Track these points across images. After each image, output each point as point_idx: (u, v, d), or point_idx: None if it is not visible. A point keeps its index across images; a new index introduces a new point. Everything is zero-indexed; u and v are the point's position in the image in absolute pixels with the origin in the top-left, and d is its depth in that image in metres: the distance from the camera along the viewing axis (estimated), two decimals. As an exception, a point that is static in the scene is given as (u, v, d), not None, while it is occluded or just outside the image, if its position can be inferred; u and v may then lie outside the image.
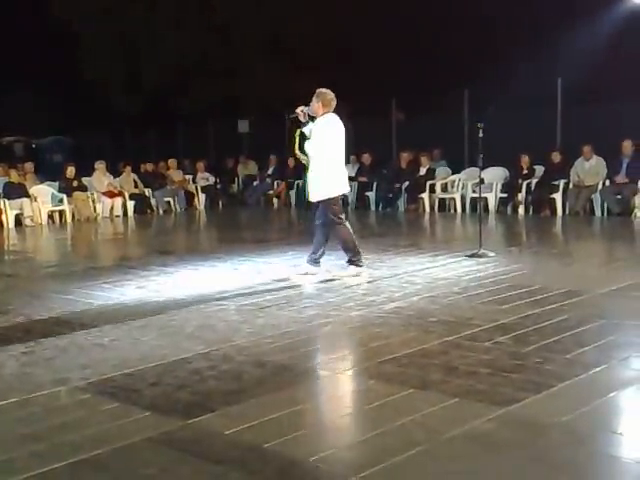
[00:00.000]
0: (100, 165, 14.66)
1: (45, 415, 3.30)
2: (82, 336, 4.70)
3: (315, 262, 6.59)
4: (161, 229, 13.25)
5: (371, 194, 14.19)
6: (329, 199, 6.40)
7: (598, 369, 3.60)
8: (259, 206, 16.07)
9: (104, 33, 21.20)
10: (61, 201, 13.66)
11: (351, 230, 6.54)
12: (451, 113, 14.46)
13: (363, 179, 14.49)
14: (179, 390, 3.55)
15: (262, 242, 9.57)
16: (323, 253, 6.63)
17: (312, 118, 6.50)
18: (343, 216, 6.54)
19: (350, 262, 6.51)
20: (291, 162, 16.25)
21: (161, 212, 15.07)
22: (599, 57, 13.79)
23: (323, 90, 6.49)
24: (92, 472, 2.73)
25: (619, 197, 11.22)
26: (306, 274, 6.52)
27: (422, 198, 13.51)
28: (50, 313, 5.42)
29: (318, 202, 6.48)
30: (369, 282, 6.22)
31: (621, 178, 11.27)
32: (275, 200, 16.05)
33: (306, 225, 13.03)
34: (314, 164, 6.42)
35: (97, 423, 3.16)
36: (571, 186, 11.84)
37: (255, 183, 16.71)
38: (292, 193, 15.79)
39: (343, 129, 6.51)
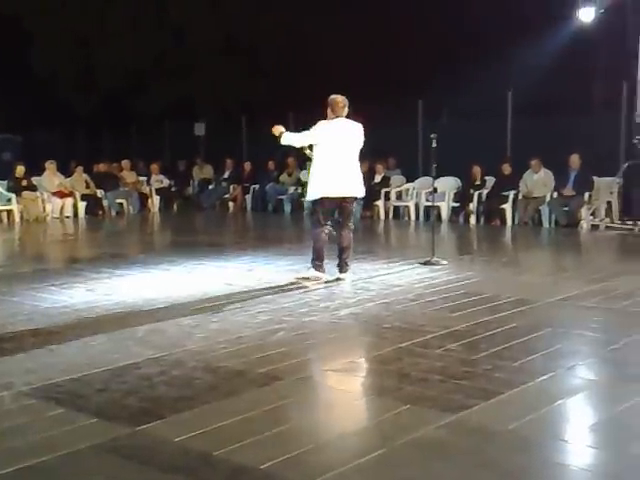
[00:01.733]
0: (50, 165, 14.36)
1: (-12, 421, 3.21)
2: (28, 339, 4.59)
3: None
4: (113, 231, 13.04)
5: (326, 201, 14.21)
6: (314, 200, 6.61)
7: (545, 377, 3.67)
8: (214, 210, 15.97)
9: (57, 31, 20.81)
10: (9, 201, 13.35)
11: (325, 237, 6.63)
12: (406, 123, 14.62)
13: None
14: (128, 396, 3.49)
15: (216, 246, 9.51)
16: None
17: None
18: (324, 221, 6.60)
19: (311, 264, 6.63)
20: (247, 166, 16.23)
21: (113, 214, 14.84)
22: (548, 72, 14.13)
23: (333, 96, 6.74)
24: (37, 479, 2.66)
25: (566, 209, 11.49)
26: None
27: (377, 205, 13.61)
28: (-5, 315, 5.28)
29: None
30: (324, 288, 6.23)
31: (568, 190, 11.54)
32: (231, 204, 15.97)
33: (262, 229, 13.02)
34: (312, 166, 6.65)
35: (42, 429, 3.09)
36: (520, 197, 12.09)
37: (211, 187, 16.61)
38: (248, 197, 15.74)
39: (348, 133, 6.59)
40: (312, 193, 6.61)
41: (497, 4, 14.93)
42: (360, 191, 6.73)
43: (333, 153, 6.50)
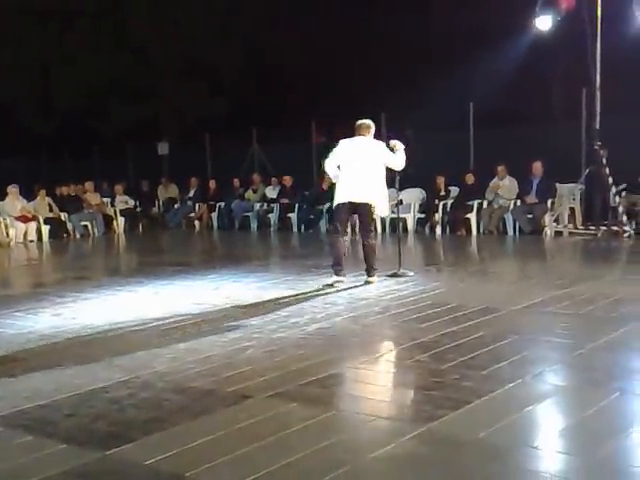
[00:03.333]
0: (13, 189, 14.19)
1: (-46, 451, 3.15)
2: (-7, 367, 4.52)
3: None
4: (78, 254, 12.90)
5: (293, 215, 14.26)
6: (333, 209, 7.46)
7: (513, 384, 3.71)
8: (180, 229, 15.88)
9: (17, 54, 20.61)
10: (-29, 226, 13.15)
11: (343, 244, 7.24)
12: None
13: (285, 201, 14.56)
14: (96, 420, 3.45)
15: (184, 265, 9.45)
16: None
17: None
18: (341, 229, 7.26)
19: (334, 271, 7.16)
20: (212, 184, 16.20)
21: (78, 236, 14.68)
22: (508, 82, 14.37)
23: (361, 121, 7.50)
24: (5, 509, 2.63)
25: (530, 216, 11.67)
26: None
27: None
28: (-41, 344, 5.19)
29: None
30: (292, 303, 6.24)
31: (531, 198, 11.73)
32: (197, 223, 15.91)
33: (229, 247, 12.97)
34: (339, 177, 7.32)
35: (10, 458, 3.04)
36: (485, 206, 12.24)
37: (176, 206, 16.53)
38: (214, 215, 15.70)
39: (363, 149, 7.29)
40: (335, 200, 7.29)
41: (456, 16, 15.19)
42: (372, 199, 7.27)
43: (348, 166, 7.19)
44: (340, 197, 7.22)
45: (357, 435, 3.12)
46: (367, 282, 7.16)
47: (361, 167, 7.15)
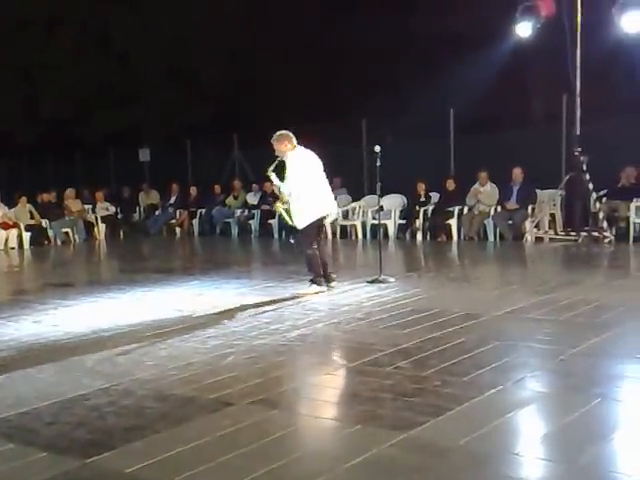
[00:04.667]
0: (-7, 196, 14.11)
1: None
2: (-27, 375, 4.48)
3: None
4: (59, 261, 12.81)
5: (274, 222, 14.26)
6: (303, 228, 7.12)
7: (495, 390, 3.73)
8: (161, 235, 15.82)
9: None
10: (-49, 233, 13.02)
11: (318, 255, 7.19)
12: (350, 142, 14.77)
13: (266, 207, 14.54)
14: (77, 428, 3.43)
15: (165, 272, 9.42)
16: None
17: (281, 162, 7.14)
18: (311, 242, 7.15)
19: (312, 281, 7.12)
20: (193, 191, 16.16)
21: (59, 243, 14.58)
22: (488, 88, 14.46)
23: (285, 131, 7.18)
24: (-16, 520, 2.61)
25: (510, 222, 11.74)
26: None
27: (323, 225, 13.67)
28: (-63, 352, 5.13)
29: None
30: (273, 310, 6.24)
31: (512, 204, 11.81)
32: (177, 229, 15.85)
33: (210, 253, 12.94)
34: (296, 196, 7.00)
35: (-9, 466, 3.02)
36: (465, 212, 12.31)
37: (157, 212, 16.47)
38: (195, 222, 15.66)
39: (313, 159, 7.16)
40: (303, 221, 7.04)
41: (437, 22, 15.25)
42: (334, 206, 7.43)
43: (309, 180, 7.01)
44: (313, 214, 7.07)
45: (336, 443, 3.13)
46: (330, 287, 7.19)
47: (318, 180, 7.16)
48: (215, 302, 6.73)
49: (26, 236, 14.04)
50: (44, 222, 14.60)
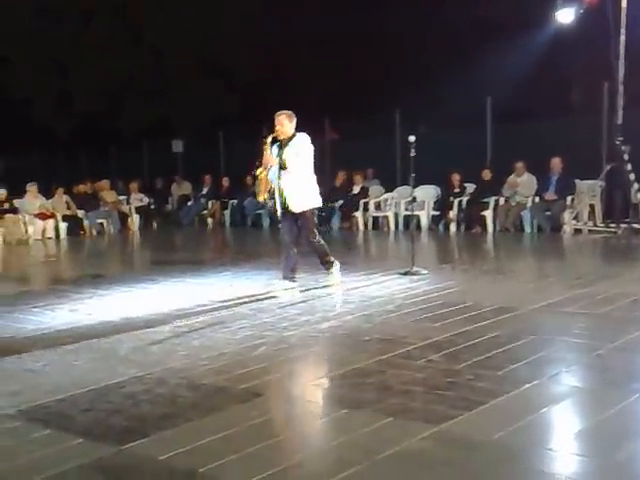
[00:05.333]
0: (32, 187, 14.40)
1: (-27, 445, 3.18)
2: (12, 361, 4.56)
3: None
4: (94, 251, 12.98)
5: (306, 213, 14.23)
6: (311, 210, 6.77)
7: (529, 385, 3.67)
8: (193, 226, 15.93)
9: (35, 54, 20.77)
10: (-9, 223, 13.29)
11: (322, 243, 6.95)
12: (383, 132, 14.70)
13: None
14: (112, 415, 3.48)
15: (196, 263, 9.48)
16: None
17: (274, 139, 6.72)
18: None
19: (329, 268, 6.95)
20: (225, 182, 16.24)
21: (94, 234, 14.79)
22: (527, 76, 14.24)
23: (289, 112, 6.77)
24: (22, 503, 2.65)
25: (548, 213, 11.57)
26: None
27: (355, 216, 13.65)
28: (-23, 339, 5.24)
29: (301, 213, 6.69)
30: (304, 301, 6.23)
31: (550, 195, 11.62)
32: (209, 220, 15.95)
33: (241, 244, 13.00)
34: (298, 177, 6.62)
35: (28, 451, 3.06)
36: (502, 203, 12.16)
37: (189, 203, 16.59)
38: (226, 213, 15.74)
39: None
40: (307, 204, 6.73)
41: (472, 10, 15.06)
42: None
43: (311, 164, 6.78)
44: (317, 200, 6.88)
45: (368, 435, 3.11)
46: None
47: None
48: (246, 293, 6.74)
49: (63, 226, 14.28)
50: (80, 213, 14.82)
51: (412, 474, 2.74)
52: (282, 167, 6.58)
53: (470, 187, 12.82)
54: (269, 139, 6.69)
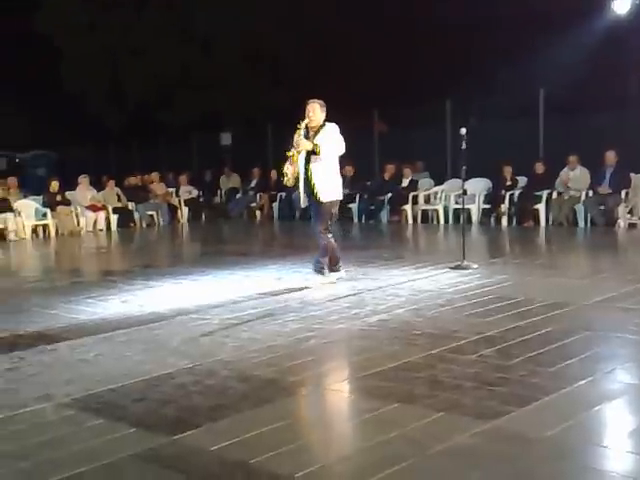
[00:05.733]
0: (83, 179, 14.66)
1: (30, 432, 3.27)
2: (66, 351, 4.67)
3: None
4: (144, 243, 13.20)
5: (354, 206, 14.23)
6: (328, 203, 6.65)
7: (583, 382, 3.61)
8: (242, 219, 16.05)
9: (87, 47, 21.19)
10: (45, 215, 13.60)
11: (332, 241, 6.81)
12: (433, 124, 14.56)
13: (346, 191, 14.48)
14: (164, 406, 3.52)
15: (245, 255, 9.55)
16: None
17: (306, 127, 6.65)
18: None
19: (321, 269, 6.81)
20: (274, 174, 16.30)
21: (144, 226, 15.02)
22: (581, 67, 13.93)
23: (321, 101, 6.74)
24: (77, 490, 2.71)
25: (602, 208, 11.30)
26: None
27: (405, 210, 13.56)
28: (34, 328, 5.37)
29: (322, 203, 6.61)
30: (353, 295, 6.22)
31: (604, 188, 11.35)
32: (258, 213, 16.04)
33: (289, 237, 13.05)
34: (327, 166, 6.57)
35: (82, 440, 3.13)
36: (555, 196, 11.93)
37: (238, 196, 16.70)
38: (275, 205, 15.80)
39: None
40: (338, 194, 6.72)
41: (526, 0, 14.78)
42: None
43: (339, 155, 6.73)
44: (338, 192, 6.75)
45: (418, 429, 3.09)
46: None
47: None
48: (295, 286, 6.76)
49: (114, 218, 14.52)
50: (130, 205, 15.07)
51: (462, 470, 2.72)
52: (315, 152, 6.50)
53: (522, 180, 12.60)
54: (303, 124, 6.64)
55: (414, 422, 3.15)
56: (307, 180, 6.62)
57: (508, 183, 12.62)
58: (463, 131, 7.44)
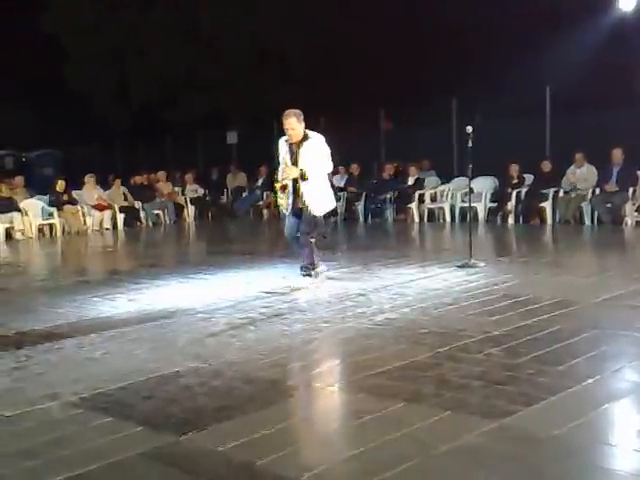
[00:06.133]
0: (90, 178, 14.68)
1: (38, 431, 3.27)
2: (74, 350, 4.68)
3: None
4: (151, 242, 13.21)
5: (360, 205, 14.21)
6: (320, 215, 6.69)
7: (591, 380, 3.59)
8: (248, 217, 16.05)
9: (93, 47, 21.24)
10: (51, 215, 13.64)
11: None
12: (439, 123, 14.53)
13: (352, 189, 14.51)
14: (171, 405, 3.53)
15: (252, 254, 9.55)
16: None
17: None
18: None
19: (314, 271, 6.74)
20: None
21: (150, 225, 15.04)
22: (587, 65, 13.87)
23: (296, 111, 6.57)
24: (85, 489, 2.71)
25: (609, 205, 11.25)
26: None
27: (411, 208, 13.53)
28: (41, 327, 5.38)
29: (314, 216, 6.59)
30: (359, 294, 6.21)
31: (611, 186, 11.30)
32: (265, 211, 16.04)
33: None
34: (317, 182, 6.49)
35: (90, 438, 3.14)
36: (561, 194, 11.88)
37: (244, 194, 16.70)
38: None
39: None
40: (325, 207, 6.65)
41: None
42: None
43: (329, 166, 6.65)
44: (330, 203, 6.76)
45: (425, 429, 3.08)
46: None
47: None
48: (301, 285, 6.75)
49: (120, 217, 14.54)
50: (137, 204, 15.09)
51: (469, 469, 2.71)
52: (303, 178, 6.40)
53: (529, 178, 12.56)
54: (282, 140, 6.57)
55: (420, 421, 3.14)
56: (298, 196, 6.54)
57: (515, 181, 12.58)
58: (469, 129, 7.41)
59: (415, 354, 4.19)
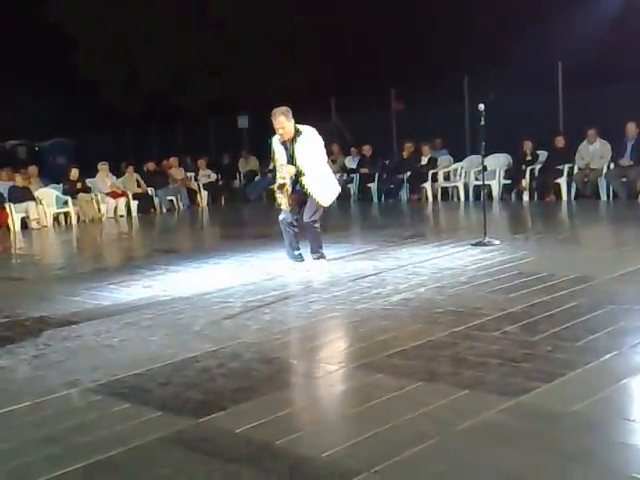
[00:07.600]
0: (103, 166, 14.73)
1: (58, 418, 3.30)
2: (91, 337, 4.71)
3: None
4: (165, 228, 13.26)
5: (373, 185, 14.17)
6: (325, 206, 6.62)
7: (609, 356, 3.57)
8: (261, 201, 16.05)
9: (102, 34, 21.21)
10: (66, 203, 13.72)
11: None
12: (451, 101, 14.41)
13: (365, 170, 14.47)
14: (189, 389, 3.55)
15: (265, 237, 9.55)
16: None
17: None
18: None
19: (321, 256, 6.66)
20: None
21: (164, 211, 15.09)
22: (599, 39, 13.68)
23: (283, 109, 6.55)
24: (107, 473, 2.73)
25: (624, 180, 11.15)
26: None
27: (424, 188, 13.48)
28: (59, 315, 5.42)
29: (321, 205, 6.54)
30: (375, 274, 6.20)
31: (626, 161, 11.19)
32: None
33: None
34: (317, 175, 6.41)
35: (110, 424, 3.16)
36: (576, 170, 11.78)
37: (257, 178, 16.69)
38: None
39: None
40: (330, 199, 6.57)
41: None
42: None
43: (324, 156, 6.57)
44: (334, 190, 6.64)
45: (444, 407, 3.08)
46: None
47: None
48: (315, 267, 6.75)
49: (134, 204, 14.60)
50: (150, 190, 15.13)
51: (489, 447, 2.70)
52: (301, 174, 6.36)
53: (542, 155, 12.45)
54: (275, 139, 6.51)
55: (439, 400, 3.14)
56: (302, 189, 6.47)
57: (528, 158, 12.48)
58: (481, 107, 7.35)
59: (431, 333, 4.18)
